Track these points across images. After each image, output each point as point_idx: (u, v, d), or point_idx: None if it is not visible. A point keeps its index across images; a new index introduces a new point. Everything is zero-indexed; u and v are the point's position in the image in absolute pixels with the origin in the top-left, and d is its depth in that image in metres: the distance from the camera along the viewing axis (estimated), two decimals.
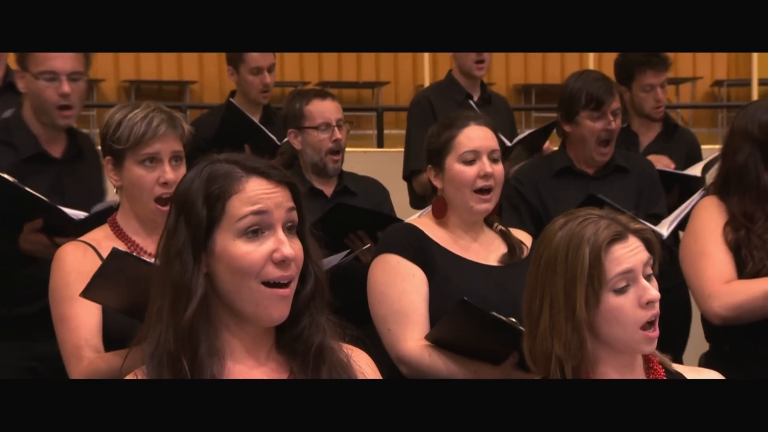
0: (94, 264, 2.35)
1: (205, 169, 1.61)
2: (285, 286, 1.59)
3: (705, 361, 2.72)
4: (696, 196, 3.05)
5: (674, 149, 4.22)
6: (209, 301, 1.60)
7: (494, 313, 2.32)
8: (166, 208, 2.41)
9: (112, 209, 2.57)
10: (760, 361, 2.59)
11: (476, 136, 2.62)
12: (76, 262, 2.39)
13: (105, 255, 2.37)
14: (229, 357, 1.62)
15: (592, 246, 1.80)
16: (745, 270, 2.59)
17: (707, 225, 2.66)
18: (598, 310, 1.81)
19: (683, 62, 10.70)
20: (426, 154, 2.70)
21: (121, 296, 2.23)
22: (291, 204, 1.61)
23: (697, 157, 4.21)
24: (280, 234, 1.59)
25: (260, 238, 1.58)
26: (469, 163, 2.60)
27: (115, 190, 2.54)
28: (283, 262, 1.58)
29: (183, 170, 2.46)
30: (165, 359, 1.57)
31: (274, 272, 1.58)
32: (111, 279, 2.21)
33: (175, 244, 1.59)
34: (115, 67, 10.07)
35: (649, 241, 1.86)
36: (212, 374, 1.57)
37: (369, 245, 3.05)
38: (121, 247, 2.42)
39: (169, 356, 1.56)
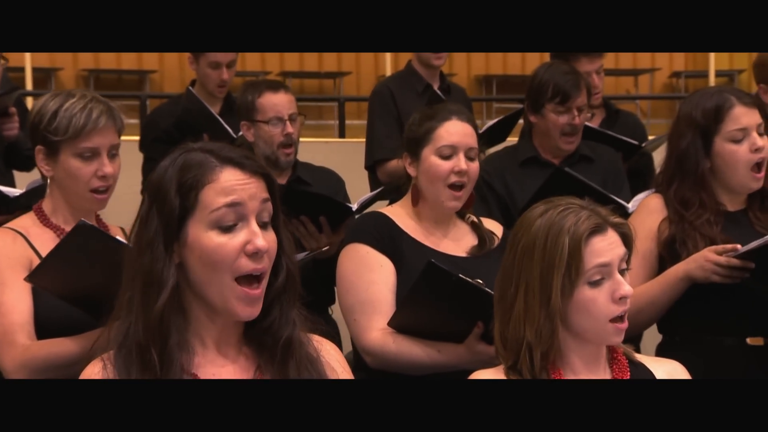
0: (24, 251, 2.33)
1: (179, 157, 1.60)
2: (257, 280, 1.58)
3: (659, 351, 2.74)
4: (644, 194, 3.06)
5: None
6: (181, 292, 1.59)
7: (461, 275, 2.32)
8: (103, 196, 2.39)
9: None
10: (709, 350, 2.62)
11: (456, 132, 2.61)
12: (6, 249, 2.34)
13: (35, 242, 2.35)
14: (198, 347, 1.61)
15: (572, 236, 1.81)
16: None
17: (635, 232, 2.66)
18: (571, 300, 1.82)
19: (642, 54, 10.78)
20: (405, 141, 2.69)
21: (70, 282, 2.18)
22: (265, 195, 1.60)
23: (642, 141, 4.24)
24: (254, 225, 1.58)
25: (233, 230, 1.57)
26: (446, 157, 2.60)
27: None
28: (256, 254, 1.57)
29: (119, 162, 2.42)
30: (134, 350, 1.56)
31: (247, 265, 1.57)
32: (67, 260, 2.16)
33: (147, 234, 1.57)
34: (74, 56, 9.96)
35: (627, 236, 1.87)
36: (181, 366, 1.57)
37: (327, 248, 3.04)
38: (50, 236, 2.38)
39: (138, 347, 1.55)
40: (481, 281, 2.34)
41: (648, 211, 2.72)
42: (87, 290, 2.13)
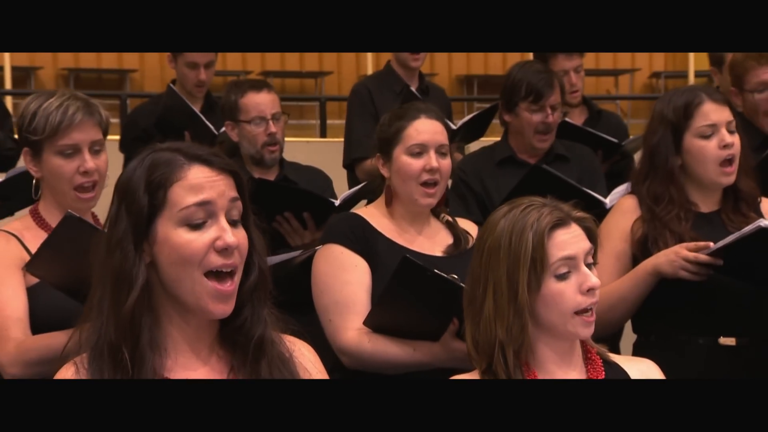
0: (18, 252, 2.35)
1: (147, 157, 1.60)
2: (228, 276, 1.58)
3: (634, 351, 2.76)
4: (623, 188, 3.08)
5: None
6: (152, 291, 1.59)
7: (436, 270, 2.33)
8: (87, 195, 2.41)
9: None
10: (683, 350, 2.64)
11: (425, 130, 2.62)
12: (0, 249, 2.36)
13: (29, 244, 2.37)
14: (172, 349, 1.61)
15: (535, 231, 1.82)
16: None
17: (608, 233, 2.69)
18: (538, 294, 1.84)
19: (622, 54, 10.83)
20: (377, 142, 2.70)
21: (65, 271, 2.20)
22: (234, 194, 1.60)
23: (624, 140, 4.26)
24: (223, 222, 1.58)
25: (203, 227, 1.57)
26: (416, 155, 2.60)
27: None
28: (225, 250, 1.57)
29: (104, 158, 2.43)
30: (106, 350, 1.55)
31: (216, 260, 1.57)
32: (59, 250, 2.19)
33: (116, 233, 1.57)
34: (54, 55, 9.91)
35: (590, 231, 1.89)
36: (153, 366, 1.56)
37: (318, 247, 3.04)
38: (44, 237, 2.37)
39: (110, 347, 1.55)
40: (456, 276, 2.34)
41: (621, 211, 2.74)
42: (82, 281, 2.15)
